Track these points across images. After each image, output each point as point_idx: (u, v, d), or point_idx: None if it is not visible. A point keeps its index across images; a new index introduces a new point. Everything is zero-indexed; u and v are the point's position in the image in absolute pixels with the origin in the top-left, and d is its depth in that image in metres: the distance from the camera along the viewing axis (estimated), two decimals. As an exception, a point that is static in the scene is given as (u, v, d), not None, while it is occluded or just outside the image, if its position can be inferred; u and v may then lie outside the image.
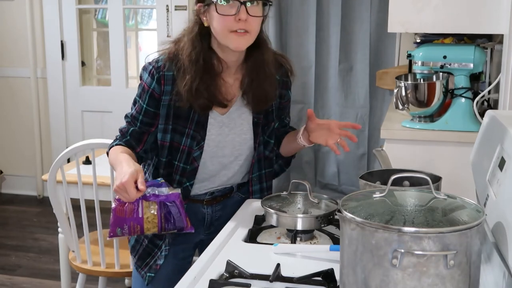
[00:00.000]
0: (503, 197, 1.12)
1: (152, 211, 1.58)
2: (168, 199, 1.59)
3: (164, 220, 1.60)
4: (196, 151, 1.71)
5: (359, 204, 1.07)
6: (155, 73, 1.66)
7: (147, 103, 1.69)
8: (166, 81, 1.66)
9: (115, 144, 1.74)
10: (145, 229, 1.59)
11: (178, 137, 1.70)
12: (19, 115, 4.71)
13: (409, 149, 2.20)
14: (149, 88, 1.68)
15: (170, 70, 1.66)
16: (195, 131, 1.70)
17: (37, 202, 4.70)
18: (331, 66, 3.94)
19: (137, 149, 1.73)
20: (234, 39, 1.59)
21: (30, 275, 3.43)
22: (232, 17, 1.56)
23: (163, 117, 1.70)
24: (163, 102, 1.68)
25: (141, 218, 1.58)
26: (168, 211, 1.60)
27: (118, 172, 1.55)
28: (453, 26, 2.12)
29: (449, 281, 0.96)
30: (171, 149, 1.72)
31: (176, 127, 1.70)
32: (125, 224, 1.58)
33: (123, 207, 1.57)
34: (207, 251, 1.46)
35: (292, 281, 1.28)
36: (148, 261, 1.79)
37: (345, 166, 4.03)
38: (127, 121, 1.75)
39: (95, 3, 4.94)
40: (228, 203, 1.85)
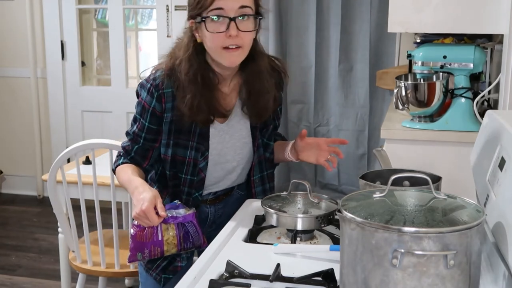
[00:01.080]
0: (503, 197, 1.12)
1: (171, 232, 1.61)
2: (186, 219, 1.63)
3: (183, 240, 1.63)
4: (201, 162, 1.73)
5: (359, 204, 1.07)
6: (154, 91, 1.66)
7: (149, 121, 1.69)
8: (167, 99, 1.66)
9: (121, 162, 1.75)
10: (165, 251, 1.63)
11: (181, 151, 1.71)
12: (19, 115, 4.71)
13: (409, 149, 2.20)
14: (149, 107, 1.68)
15: (169, 87, 1.66)
16: (199, 143, 1.71)
17: (37, 202, 4.70)
18: (331, 66, 3.94)
19: (143, 165, 1.74)
20: (227, 56, 1.59)
21: (30, 275, 3.43)
22: (223, 34, 1.56)
23: (165, 133, 1.71)
24: (165, 120, 1.69)
25: (161, 240, 1.61)
26: (186, 231, 1.64)
27: (136, 199, 1.57)
28: (453, 26, 2.12)
29: (449, 281, 0.96)
30: (174, 163, 1.73)
31: (178, 141, 1.71)
32: (146, 248, 1.61)
33: (143, 232, 1.60)
34: (207, 251, 1.46)
35: (292, 281, 1.28)
36: (159, 263, 1.78)
37: (345, 166, 4.03)
38: (129, 138, 1.75)
39: (95, 3, 4.94)
40: (229, 201, 1.87)
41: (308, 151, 1.78)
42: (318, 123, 4.05)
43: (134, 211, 1.55)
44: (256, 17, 1.61)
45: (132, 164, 1.73)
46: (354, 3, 3.82)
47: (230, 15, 1.55)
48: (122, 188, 2.44)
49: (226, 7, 1.55)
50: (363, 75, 3.88)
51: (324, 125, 4.05)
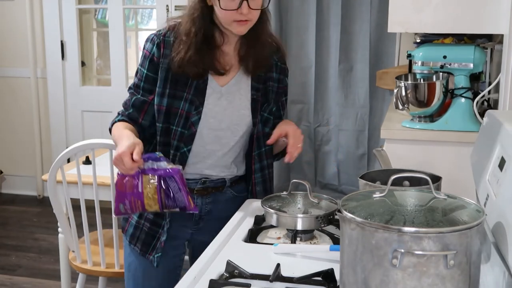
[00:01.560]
0: (503, 197, 1.12)
1: (152, 186, 1.58)
2: (167, 173, 1.59)
3: (164, 195, 1.59)
4: (194, 115, 1.72)
5: (359, 204, 1.07)
6: (156, 39, 1.73)
7: (147, 68, 1.74)
8: (166, 45, 1.72)
9: (117, 120, 1.77)
10: (146, 205, 1.59)
11: (176, 102, 1.72)
12: (19, 115, 4.71)
13: (409, 149, 2.20)
14: (149, 54, 1.74)
15: (170, 37, 1.73)
16: (194, 96, 1.72)
17: (37, 202, 4.70)
18: (331, 66, 3.94)
19: (139, 120, 1.75)
20: (236, 26, 1.67)
21: (30, 275, 3.43)
22: (235, 11, 1.63)
23: (161, 80, 1.72)
24: (161, 65, 1.72)
25: (141, 193, 1.57)
26: (167, 186, 1.59)
27: (119, 145, 1.59)
28: (453, 26, 2.12)
29: (449, 281, 0.96)
30: (168, 114, 1.72)
31: (175, 92, 1.72)
32: (126, 199, 1.59)
33: (123, 180, 1.58)
34: (207, 251, 1.46)
35: (292, 281, 1.28)
36: (155, 243, 1.78)
37: (345, 166, 4.03)
38: (130, 92, 1.79)
39: (95, 3, 4.94)
40: (220, 198, 1.83)
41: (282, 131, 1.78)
42: (318, 123, 4.05)
43: (114, 156, 1.57)
44: None
45: (128, 121, 1.75)
46: (354, 3, 3.82)
47: None
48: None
49: None
50: (363, 75, 3.88)
51: (324, 125, 4.05)
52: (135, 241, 1.82)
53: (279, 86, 1.85)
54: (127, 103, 1.78)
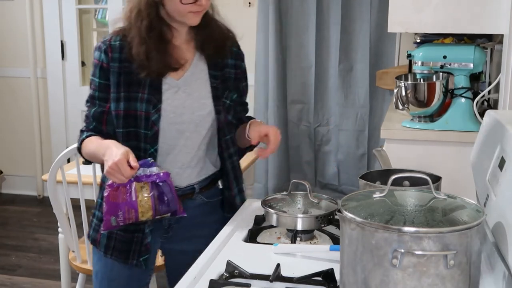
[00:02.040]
0: (503, 197, 1.12)
1: (145, 193, 1.55)
2: (160, 178, 1.57)
3: (157, 201, 1.57)
4: (153, 114, 1.68)
5: (359, 204, 1.07)
6: (102, 45, 1.71)
7: (99, 77, 1.72)
8: (113, 50, 1.70)
9: (84, 136, 1.74)
10: (140, 213, 1.56)
11: (133, 104, 1.69)
12: (19, 115, 4.71)
13: (409, 149, 2.20)
14: (98, 62, 1.71)
15: (117, 40, 1.71)
16: (150, 94, 1.69)
17: (37, 202, 4.70)
18: (331, 66, 3.94)
19: (104, 131, 1.73)
20: (191, 17, 1.66)
21: (30, 275, 3.43)
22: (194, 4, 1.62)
23: (114, 84, 1.70)
24: (112, 70, 1.69)
25: (135, 201, 1.54)
26: (161, 191, 1.57)
27: (108, 154, 1.55)
28: (453, 26, 2.12)
29: (449, 281, 0.96)
30: (127, 118, 1.69)
31: (129, 94, 1.69)
32: (120, 210, 1.55)
33: (116, 191, 1.54)
34: (207, 251, 1.46)
35: (292, 281, 1.28)
36: (134, 248, 1.74)
37: (345, 166, 4.03)
38: (87, 105, 1.78)
39: (95, 3, 4.94)
40: (189, 205, 1.75)
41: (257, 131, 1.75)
42: (318, 123, 4.05)
43: (107, 165, 1.52)
44: None
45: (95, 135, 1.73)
46: (354, 3, 3.82)
47: None
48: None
49: None
50: (363, 75, 3.88)
51: (324, 125, 4.05)
52: (111, 251, 1.76)
53: (237, 71, 1.81)
54: (88, 117, 1.76)
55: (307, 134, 4.04)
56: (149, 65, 1.66)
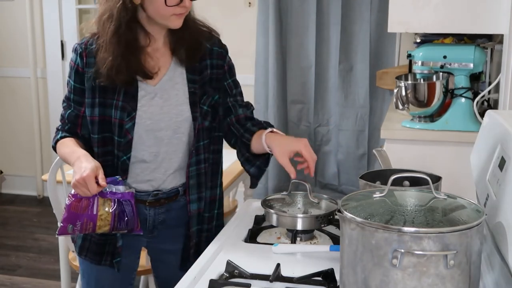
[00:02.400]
0: (503, 197, 1.12)
1: (107, 208, 1.57)
2: (124, 197, 1.59)
3: (117, 218, 1.59)
4: (127, 122, 1.66)
5: (359, 204, 1.07)
6: (78, 48, 1.71)
7: (74, 80, 1.71)
8: (89, 54, 1.68)
9: (59, 137, 1.74)
10: (97, 226, 1.58)
11: (108, 111, 1.67)
12: (19, 115, 4.71)
13: (409, 149, 2.20)
14: (74, 64, 1.71)
15: (93, 44, 1.69)
16: (124, 102, 1.66)
17: (37, 202, 4.70)
18: (331, 66, 3.94)
19: (79, 134, 1.73)
20: (175, 20, 1.63)
21: (30, 275, 3.43)
22: (177, 6, 1.60)
23: (89, 90, 1.68)
24: (86, 75, 1.68)
25: (95, 215, 1.57)
26: (123, 210, 1.59)
27: (77, 167, 1.55)
28: (453, 26, 2.12)
29: (449, 281, 0.96)
30: (102, 124, 1.68)
31: (104, 100, 1.67)
32: (78, 220, 1.57)
33: (79, 203, 1.56)
34: (207, 251, 1.46)
35: (292, 281, 1.28)
36: (107, 250, 1.73)
37: (345, 166, 4.03)
38: (63, 105, 1.77)
39: (95, 3, 4.94)
40: (174, 207, 1.75)
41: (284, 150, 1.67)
42: (318, 123, 4.05)
43: (74, 178, 1.53)
44: None
45: (71, 136, 1.73)
46: (354, 3, 3.82)
47: None
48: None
49: None
50: (363, 75, 3.88)
51: (324, 125, 4.05)
52: (85, 253, 1.77)
53: (218, 71, 1.75)
54: (63, 117, 1.76)
55: (307, 134, 4.04)
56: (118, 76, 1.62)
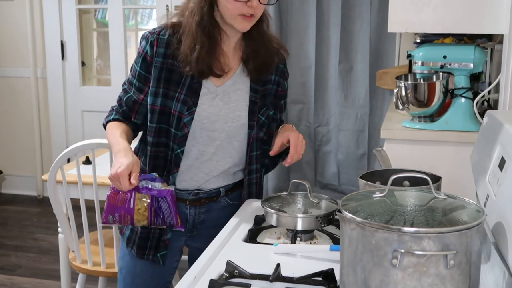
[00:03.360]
0: (503, 197, 1.12)
1: (144, 203, 1.60)
2: (160, 194, 1.61)
3: (153, 214, 1.62)
4: (186, 116, 1.69)
5: (359, 204, 1.07)
6: (150, 37, 1.72)
7: (140, 66, 1.73)
8: (159, 44, 1.70)
9: (112, 118, 1.77)
10: (135, 220, 1.62)
11: (169, 102, 1.70)
12: (19, 115, 4.71)
13: (409, 149, 2.20)
14: (143, 52, 1.73)
15: (165, 35, 1.71)
16: (186, 96, 1.69)
17: (37, 202, 4.70)
18: (331, 66, 3.94)
19: (132, 119, 1.76)
20: (241, 22, 1.65)
21: (30, 275, 3.43)
22: (244, 3, 1.61)
23: (155, 79, 1.71)
24: (154, 64, 1.70)
25: (132, 209, 1.60)
26: (159, 206, 1.62)
27: (116, 161, 1.59)
28: (453, 26, 2.12)
29: (449, 281, 0.96)
30: (161, 114, 1.70)
31: (167, 91, 1.70)
32: (117, 212, 1.61)
33: (117, 195, 1.60)
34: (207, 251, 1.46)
35: (292, 281, 1.28)
36: (150, 244, 1.78)
37: (345, 166, 4.03)
38: (123, 88, 1.78)
39: (95, 3, 4.94)
40: (214, 207, 1.80)
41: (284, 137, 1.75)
42: (318, 123, 4.05)
43: (110, 172, 1.58)
44: None
45: (122, 120, 1.76)
46: (354, 3, 3.82)
47: None
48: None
49: None
50: (363, 75, 3.88)
51: (324, 125, 4.05)
52: (131, 244, 1.81)
53: (278, 89, 1.81)
54: (121, 99, 1.78)
55: (307, 134, 4.04)
56: (193, 62, 1.66)
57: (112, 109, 1.81)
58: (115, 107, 1.80)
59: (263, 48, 1.73)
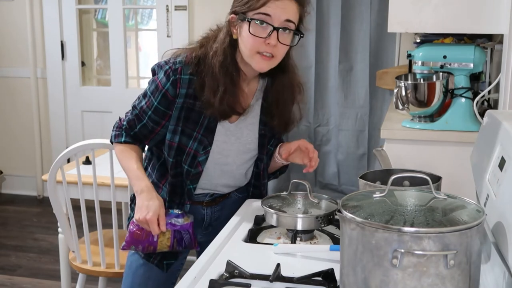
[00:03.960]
0: (503, 197, 1.12)
1: (167, 236, 1.69)
2: (183, 228, 1.69)
3: (176, 244, 1.71)
4: (202, 155, 1.72)
5: (359, 204, 1.07)
6: (171, 74, 1.67)
7: (159, 102, 1.70)
8: (182, 85, 1.67)
9: (123, 140, 1.76)
10: (157, 249, 1.71)
11: (185, 140, 1.71)
12: (19, 115, 4.71)
13: (409, 149, 2.20)
14: (163, 88, 1.68)
15: (187, 74, 1.67)
16: (203, 136, 1.71)
17: (37, 202, 4.70)
18: (331, 66, 3.94)
19: (144, 142, 1.78)
20: (259, 61, 1.62)
21: (30, 275, 3.43)
22: (263, 40, 1.58)
23: (175, 118, 1.70)
24: (177, 105, 1.69)
25: (156, 241, 1.69)
26: (181, 237, 1.70)
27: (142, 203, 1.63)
28: (453, 26, 2.12)
29: (449, 281, 0.96)
30: (178, 151, 1.72)
31: (185, 129, 1.70)
32: (140, 245, 1.70)
33: (141, 232, 1.69)
34: (207, 251, 1.46)
35: (292, 281, 1.28)
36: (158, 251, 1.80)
37: (345, 166, 4.03)
38: (135, 113, 1.75)
39: (95, 3, 4.94)
40: (227, 203, 1.86)
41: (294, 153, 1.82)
42: (318, 123, 4.05)
43: (138, 216, 1.62)
44: (298, 34, 1.66)
45: (134, 143, 1.77)
46: (354, 3, 3.82)
47: (275, 24, 1.58)
48: (122, 188, 2.46)
49: (273, 15, 1.58)
50: (363, 75, 3.88)
51: (324, 125, 4.05)
52: None
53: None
54: (134, 123, 1.75)
55: (307, 134, 4.04)
56: (216, 104, 1.65)
57: (120, 126, 1.79)
58: (124, 126, 1.77)
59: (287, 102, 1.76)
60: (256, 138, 1.78)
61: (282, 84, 1.73)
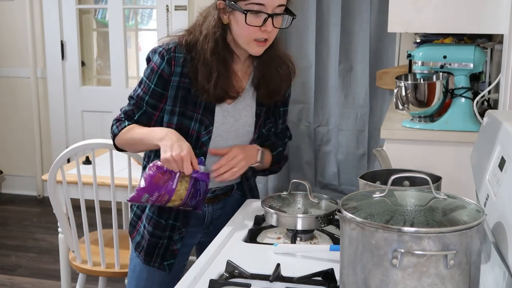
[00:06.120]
0: (503, 197, 1.12)
1: (184, 185, 1.63)
2: (202, 177, 1.64)
3: (190, 196, 1.65)
4: (204, 136, 1.72)
5: (359, 204, 1.07)
6: (165, 54, 1.68)
7: (155, 84, 1.70)
8: (176, 62, 1.68)
9: (126, 124, 1.74)
10: (170, 200, 1.64)
11: (186, 121, 1.71)
12: (19, 115, 4.71)
13: (409, 149, 2.20)
14: (158, 69, 1.69)
15: (181, 53, 1.68)
16: (203, 116, 1.71)
17: (37, 202, 4.70)
18: (331, 66, 3.94)
19: None
20: (255, 46, 1.65)
21: (30, 275, 3.43)
22: (258, 28, 1.61)
23: (171, 98, 1.70)
24: (172, 83, 1.69)
25: (173, 189, 1.62)
26: (197, 188, 1.65)
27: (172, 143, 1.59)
28: (453, 26, 2.12)
29: (449, 281, 0.96)
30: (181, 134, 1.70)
31: (184, 111, 1.70)
32: (157, 191, 1.62)
33: (163, 175, 1.61)
34: (207, 251, 1.46)
35: (292, 281, 1.28)
36: (158, 252, 1.79)
37: (345, 166, 4.03)
38: (132, 103, 1.75)
39: (95, 3, 4.94)
40: (229, 201, 1.86)
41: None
42: (318, 123, 4.05)
43: (169, 154, 1.57)
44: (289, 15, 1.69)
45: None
46: (354, 3, 3.82)
47: (269, 11, 1.61)
48: (122, 188, 2.46)
49: (267, 4, 1.60)
50: (363, 75, 3.88)
51: (324, 125, 4.05)
52: (140, 249, 1.83)
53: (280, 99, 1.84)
54: (130, 114, 1.75)
55: (307, 134, 4.04)
56: (211, 90, 1.66)
57: (119, 120, 1.77)
58: (123, 117, 1.76)
59: (274, 73, 1.74)
60: (254, 119, 1.78)
61: (269, 56, 1.73)
